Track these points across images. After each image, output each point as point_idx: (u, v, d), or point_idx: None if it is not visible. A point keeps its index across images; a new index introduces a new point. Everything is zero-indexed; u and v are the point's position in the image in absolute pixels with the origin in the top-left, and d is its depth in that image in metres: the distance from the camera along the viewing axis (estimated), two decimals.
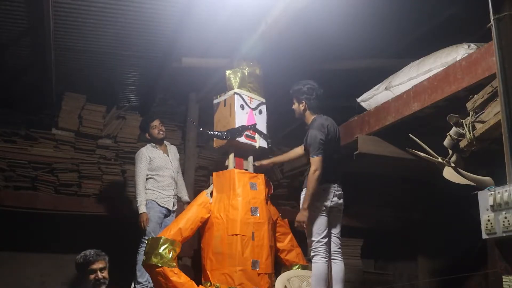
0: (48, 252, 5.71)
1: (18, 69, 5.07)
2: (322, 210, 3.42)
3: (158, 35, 4.44)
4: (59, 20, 4.08)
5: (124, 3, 3.88)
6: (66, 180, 5.41)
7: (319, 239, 3.39)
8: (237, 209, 3.70)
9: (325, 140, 3.45)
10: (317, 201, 3.41)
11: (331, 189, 3.47)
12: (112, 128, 5.79)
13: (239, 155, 4.03)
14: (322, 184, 3.42)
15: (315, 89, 3.66)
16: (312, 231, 3.41)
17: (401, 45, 4.71)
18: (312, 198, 3.38)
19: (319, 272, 3.34)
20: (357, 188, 5.32)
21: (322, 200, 3.43)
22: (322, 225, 3.41)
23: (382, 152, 4.06)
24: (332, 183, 3.49)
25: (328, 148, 3.48)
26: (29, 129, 5.48)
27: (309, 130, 3.52)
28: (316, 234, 3.40)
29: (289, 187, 6.07)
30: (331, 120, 3.65)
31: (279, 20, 3.66)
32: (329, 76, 5.13)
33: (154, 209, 4.41)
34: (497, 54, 2.17)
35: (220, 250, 3.65)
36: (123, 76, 5.47)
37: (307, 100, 3.64)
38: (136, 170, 4.53)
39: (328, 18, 4.05)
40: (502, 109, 2.13)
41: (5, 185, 5.25)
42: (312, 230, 3.42)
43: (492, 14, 2.21)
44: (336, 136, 3.63)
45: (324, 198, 3.43)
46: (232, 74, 4.08)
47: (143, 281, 4.27)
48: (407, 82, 3.72)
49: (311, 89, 3.65)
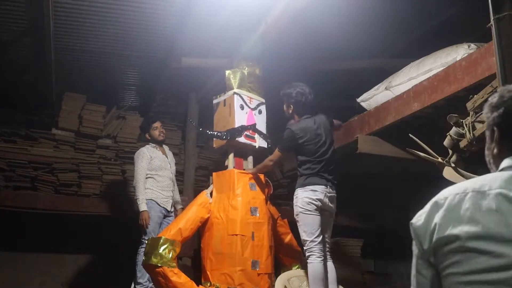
0: (48, 252, 5.71)
1: (18, 69, 5.07)
2: (313, 210, 3.41)
3: (158, 35, 4.44)
4: (59, 20, 4.08)
5: (124, 3, 3.89)
6: (66, 180, 5.41)
7: (313, 239, 3.38)
8: (237, 209, 3.70)
9: (295, 144, 3.52)
10: (307, 203, 3.41)
11: (321, 191, 3.44)
12: (112, 128, 5.79)
13: (239, 155, 4.03)
14: (310, 185, 3.44)
15: (304, 94, 3.63)
16: (305, 231, 3.41)
17: (401, 45, 4.71)
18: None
19: (315, 272, 3.34)
20: (357, 188, 5.32)
21: (311, 200, 3.42)
22: (315, 225, 3.40)
23: (382, 152, 4.05)
24: (321, 185, 3.45)
25: (313, 150, 3.50)
26: (29, 129, 5.49)
27: (286, 129, 3.61)
28: (309, 234, 3.39)
29: (289, 187, 6.06)
30: (320, 122, 3.62)
31: (279, 20, 3.66)
32: (329, 76, 5.14)
33: (154, 209, 4.41)
34: (497, 54, 2.16)
35: (220, 250, 3.65)
36: (123, 76, 5.47)
37: (295, 105, 3.66)
38: (136, 168, 4.52)
39: (328, 18, 4.04)
40: None
41: (5, 185, 5.25)
42: (305, 231, 3.42)
43: (492, 14, 2.20)
44: (325, 139, 3.57)
45: (314, 198, 3.42)
46: (231, 74, 4.08)
47: (143, 281, 4.27)
48: (407, 82, 3.71)
49: (301, 94, 3.63)
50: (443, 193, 1.11)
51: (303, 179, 3.49)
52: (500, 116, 1.17)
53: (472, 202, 1.04)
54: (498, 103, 1.18)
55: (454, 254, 1.02)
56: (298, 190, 3.49)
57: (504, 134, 1.16)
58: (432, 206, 1.11)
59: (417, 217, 1.13)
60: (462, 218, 1.03)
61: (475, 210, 1.03)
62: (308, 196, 3.42)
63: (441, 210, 1.07)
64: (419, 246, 1.10)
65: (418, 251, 1.11)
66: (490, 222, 1.00)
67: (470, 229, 1.01)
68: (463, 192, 1.07)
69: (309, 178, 3.47)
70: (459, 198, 1.06)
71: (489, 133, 1.21)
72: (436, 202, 1.10)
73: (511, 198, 1.01)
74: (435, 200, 1.11)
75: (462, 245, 1.01)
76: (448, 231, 1.04)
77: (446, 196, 1.09)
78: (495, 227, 0.99)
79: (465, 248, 1.01)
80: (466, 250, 1.01)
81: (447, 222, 1.05)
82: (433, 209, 1.10)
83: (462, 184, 1.11)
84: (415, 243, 1.12)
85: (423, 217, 1.11)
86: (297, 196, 3.49)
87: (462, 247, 1.01)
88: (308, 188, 3.44)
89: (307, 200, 3.42)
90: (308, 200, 3.41)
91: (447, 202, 1.08)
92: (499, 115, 1.17)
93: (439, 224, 1.06)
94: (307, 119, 3.63)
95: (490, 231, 0.99)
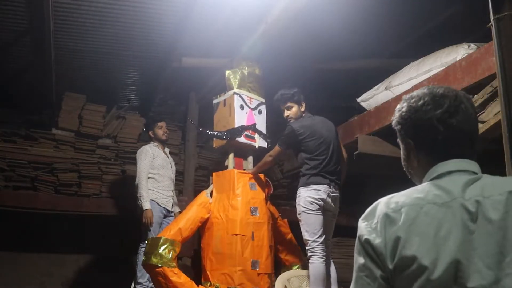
0: (48, 252, 5.71)
1: (18, 69, 5.07)
2: (316, 209, 3.40)
3: (158, 35, 4.44)
4: (59, 20, 4.08)
5: (124, 3, 3.88)
6: (66, 180, 5.41)
7: (315, 239, 3.37)
8: (236, 209, 3.70)
9: (296, 140, 3.55)
10: (310, 202, 3.41)
11: (324, 190, 3.44)
12: (112, 128, 5.79)
13: (239, 155, 4.03)
14: (313, 184, 3.43)
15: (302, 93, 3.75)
16: (308, 231, 3.40)
17: (401, 45, 4.70)
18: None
19: (317, 272, 3.33)
20: (357, 188, 5.31)
21: (314, 199, 3.41)
22: (318, 225, 3.39)
23: (382, 152, 4.05)
24: (324, 184, 3.45)
25: (313, 147, 3.51)
26: (29, 129, 5.49)
27: (287, 126, 3.65)
28: (311, 233, 3.38)
29: (289, 187, 6.06)
30: (323, 124, 3.65)
31: (279, 19, 3.66)
32: (329, 76, 5.14)
33: (155, 209, 4.41)
34: (497, 54, 2.16)
35: (220, 250, 3.65)
36: (123, 76, 5.47)
37: (297, 103, 3.70)
38: (138, 166, 4.50)
39: (328, 18, 4.04)
40: (502, 109, 2.12)
41: (5, 185, 5.25)
42: (307, 230, 3.41)
43: (492, 14, 2.20)
44: (326, 138, 3.58)
45: (316, 198, 3.41)
46: (231, 74, 4.08)
47: (143, 281, 4.27)
48: (407, 82, 3.71)
49: (300, 92, 3.72)
50: (391, 205, 1.04)
51: (306, 178, 3.49)
52: (413, 128, 1.14)
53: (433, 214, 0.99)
54: (408, 115, 1.14)
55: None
56: (301, 189, 3.49)
57: (422, 144, 1.13)
58: (384, 220, 1.02)
59: (370, 234, 1.03)
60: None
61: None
62: (311, 195, 3.41)
63: (399, 224, 1.00)
64: (380, 266, 1.01)
65: (376, 273, 1.01)
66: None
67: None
68: (416, 204, 1.01)
69: (312, 178, 3.46)
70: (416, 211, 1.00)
71: (405, 146, 1.18)
72: (387, 215, 1.03)
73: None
74: (385, 213, 1.03)
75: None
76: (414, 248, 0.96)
77: (399, 209, 1.02)
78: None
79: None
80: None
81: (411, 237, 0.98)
82: (386, 223, 1.02)
83: (409, 196, 1.05)
84: (373, 266, 1.02)
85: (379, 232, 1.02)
86: (299, 195, 3.48)
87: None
88: (311, 187, 3.43)
89: (309, 199, 3.41)
90: (311, 200, 3.40)
91: (404, 215, 1.01)
92: (412, 126, 1.14)
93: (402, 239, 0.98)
94: (308, 118, 3.68)
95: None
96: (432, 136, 1.10)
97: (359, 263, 1.04)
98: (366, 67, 4.92)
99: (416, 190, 1.06)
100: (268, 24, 3.75)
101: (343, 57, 4.84)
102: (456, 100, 1.10)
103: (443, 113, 1.09)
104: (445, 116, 1.09)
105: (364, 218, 1.08)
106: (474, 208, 0.97)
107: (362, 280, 1.03)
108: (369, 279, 1.02)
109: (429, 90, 1.14)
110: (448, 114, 1.09)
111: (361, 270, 1.04)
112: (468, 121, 1.10)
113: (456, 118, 1.09)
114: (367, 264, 1.02)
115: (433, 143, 1.11)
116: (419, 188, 1.08)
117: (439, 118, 1.09)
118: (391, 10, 4.09)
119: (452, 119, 1.09)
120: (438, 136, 1.09)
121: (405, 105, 1.16)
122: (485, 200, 0.98)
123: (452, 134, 1.09)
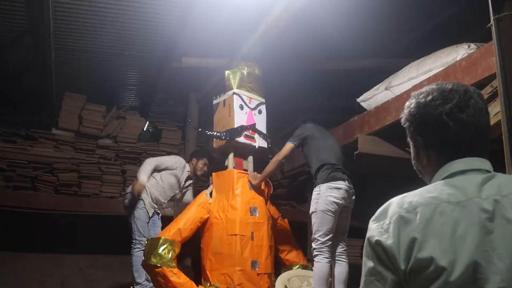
0: (48, 252, 5.71)
1: (18, 69, 5.07)
2: (334, 211, 3.36)
3: (158, 35, 4.44)
4: (59, 20, 4.08)
5: (124, 3, 3.88)
6: (66, 180, 5.41)
7: (325, 240, 3.34)
8: (236, 209, 3.70)
9: (306, 136, 3.65)
10: (331, 202, 3.37)
11: (345, 188, 3.41)
12: (112, 128, 5.79)
13: (239, 155, 4.03)
14: (334, 180, 3.40)
15: None
16: (320, 230, 3.36)
17: (401, 45, 4.70)
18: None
19: (322, 271, 3.31)
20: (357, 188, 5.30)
21: (336, 200, 3.37)
22: (331, 226, 3.36)
23: (382, 152, 4.05)
24: (344, 180, 3.44)
25: (323, 143, 3.62)
26: (29, 129, 5.49)
27: (298, 125, 3.82)
28: (323, 234, 3.34)
29: (289, 187, 6.06)
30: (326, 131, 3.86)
31: (279, 20, 3.65)
32: (329, 76, 5.13)
33: (142, 208, 4.40)
34: (497, 54, 2.16)
35: (219, 250, 3.65)
36: (123, 76, 5.47)
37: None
38: (157, 159, 4.52)
39: (328, 18, 4.04)
40: (502, 109, 2.12)
41: (5, 185, 5.25)
42: (319, 230, 3.37)
43: (492, 14, 2.20)
44: (331, 139, 3.76)
45: (339, 197, 3.38)
46: (231, 74, 4.07)
47: (141, 281, 4.26)
48: (407, 82, 3.71)
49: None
50: (404, 206, 1.00)
51: (326, 173, 3.43)
52: (422, 124, 1.10)
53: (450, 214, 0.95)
54: (417, 111, 1.10)
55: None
56: (322, 186, 3.40)
57: (431, 141, 1.09)
58: (398, 221, 0.98)
59: (381, 235, 0.99)
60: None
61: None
62: (333, 195, 3.36)
63: (414, 225, 0.96)
64: (391, 269, 0.97)
65: (387, 277, 0.97)
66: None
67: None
68: (430, 204, 0.98)
69: (333, 173, 3.43)
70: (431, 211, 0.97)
71: (414, 143, 1.14)
72: (401, 216, 0.99)
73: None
74: (399, 213, 0.99)
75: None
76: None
77: (413, 209, 0.98)
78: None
79: None
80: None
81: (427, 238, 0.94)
82: (400, 224, 0.98)
83: (421, 196, 1.01)
84: (384, 269, 0.98)
85: (392, 233, 0.98)
86: (319, 193, 3.40)
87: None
88: (333, 184, 3.38)
89: (331, 199, 3.36)
90: (333, 200, 3.36)
91: (419, 215, 0.97)
92: (421, 123, 1.10)
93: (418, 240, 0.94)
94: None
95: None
96: (441, 132, 1.06)
97: (368, 266, 1.00)
98: (366, 67, 4.92)
99: (428, 190, 1.03)
100: (268, 24, 3.75)
101: (343, 57, 4.84)
102: (465, 94, 1.06)
103: (452, 107, 1.04)
104: (454, 110, 1.04)
105: (375, 219, 1.04)
106: (492, 207, 0.94)
107: (372, 285, 0.99)
108: (380, 283, 0.98)
109: (437, 85, 1.11)
110: (457, 108, 1.04)
111: (371, 274, 1.00)
112: (479, 116, 1.06)
113: (467, 112, 1.04)
114: (377, 267, 0.98)
115: (443, 140, 1.06)
116: (430, 187, 1.04)
117: (449, 113, 1.05)
118: (391, 10, 4.09)
119: (462, 114, 1.04)
120: (448, 132, 1.05)
121: (414, 101, 1.12)
122: (503, 199, 0.95)
123: (462, 129, 1.04)
